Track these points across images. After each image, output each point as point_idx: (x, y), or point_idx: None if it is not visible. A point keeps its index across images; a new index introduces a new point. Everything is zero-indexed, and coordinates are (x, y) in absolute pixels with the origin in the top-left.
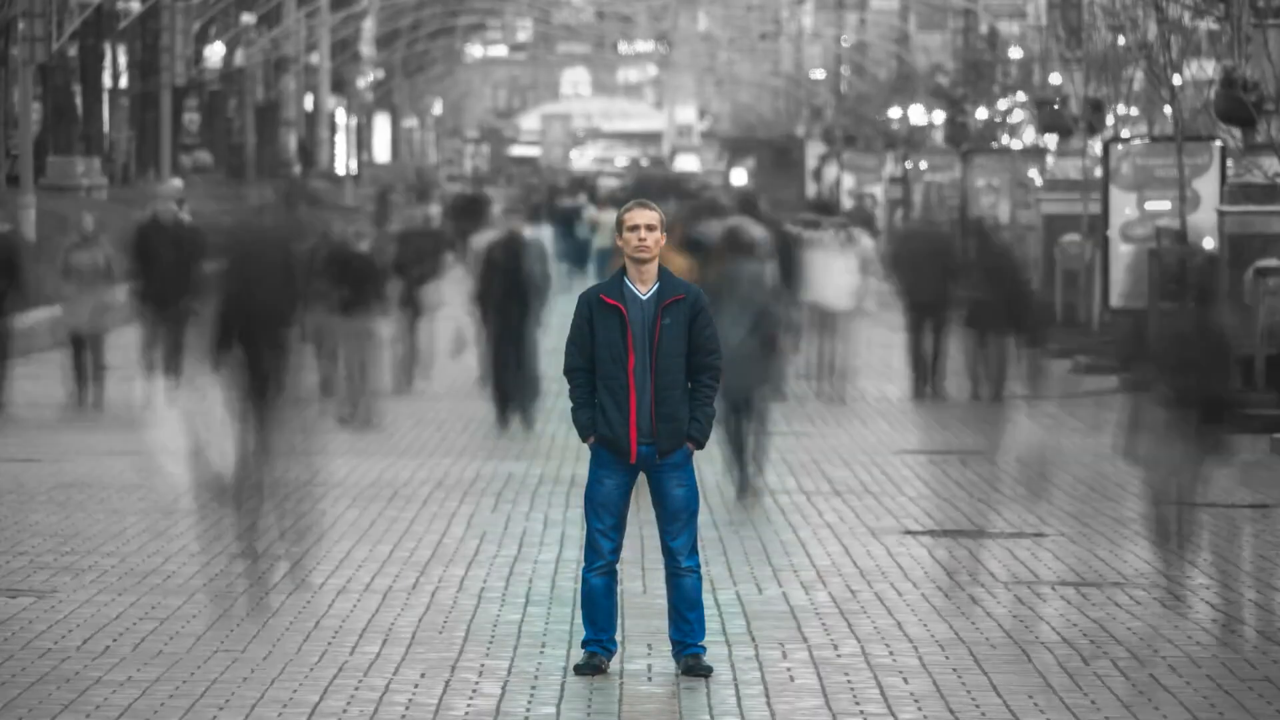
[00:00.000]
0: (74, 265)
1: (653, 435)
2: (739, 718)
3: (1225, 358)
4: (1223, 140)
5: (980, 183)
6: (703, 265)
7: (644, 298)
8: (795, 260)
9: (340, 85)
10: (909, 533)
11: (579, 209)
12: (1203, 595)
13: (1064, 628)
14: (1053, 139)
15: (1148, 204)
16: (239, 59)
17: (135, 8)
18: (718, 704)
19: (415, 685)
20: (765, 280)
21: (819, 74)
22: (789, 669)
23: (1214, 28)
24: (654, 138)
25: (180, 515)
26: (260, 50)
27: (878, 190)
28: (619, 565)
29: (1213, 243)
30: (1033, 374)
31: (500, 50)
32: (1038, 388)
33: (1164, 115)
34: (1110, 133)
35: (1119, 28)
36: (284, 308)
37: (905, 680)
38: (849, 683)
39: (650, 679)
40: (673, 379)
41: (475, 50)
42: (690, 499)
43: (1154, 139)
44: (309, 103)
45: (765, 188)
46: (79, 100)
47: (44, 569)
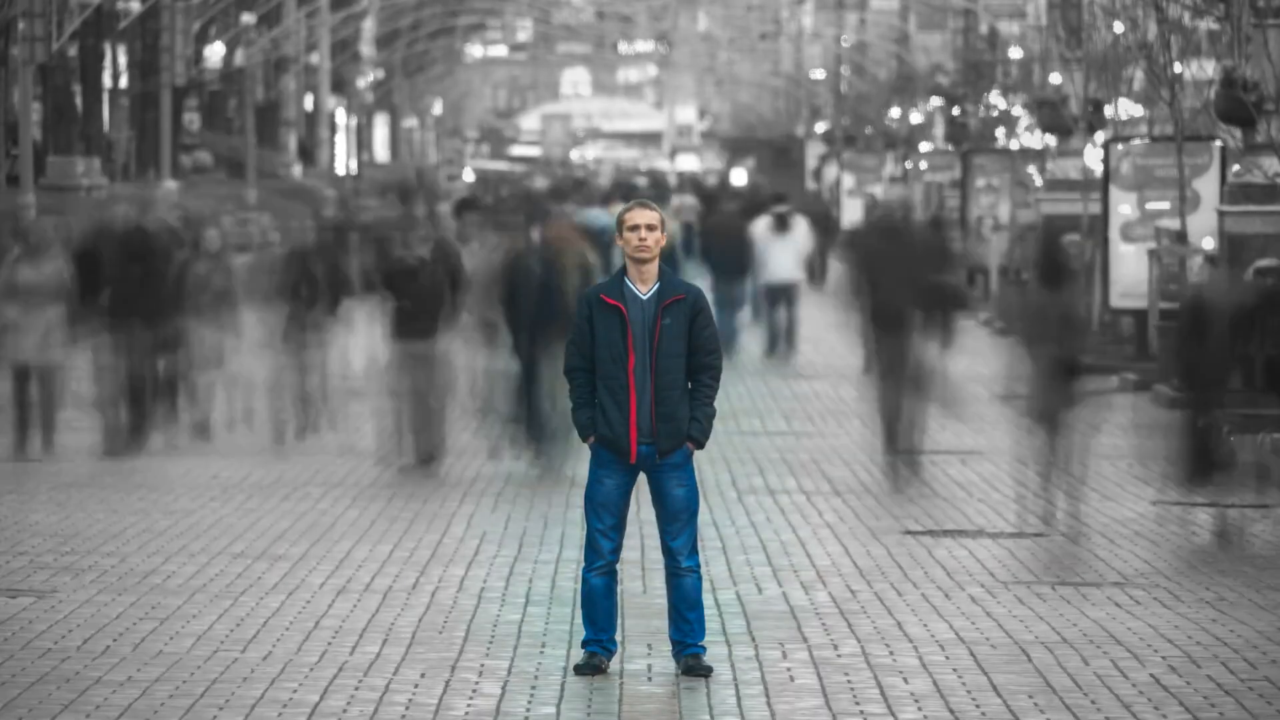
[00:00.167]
0: (19, 283)
1: (653, 435)
2: (739, 718)
3: (1074, 326)
4: (1223, 140)
5: (980, 183)
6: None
7: (644, 297)
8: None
9: (340, 85)
10: (909, 533)
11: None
12: (1203, 595)
13: (1064, 628)
14: (1053, 139)
15: (1148, 204)
16: (239, 59)
17: (135, 8)
18: (718, 704)
19: (415, 685)
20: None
21: (819, 74)
22: (789, 669)
23: (1214, 28)
24: (654, 138)
25: (180, 515)
26: (260, 50)
27: (878, 190)
28: (619, 565)
29: (1212, 242)
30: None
31: (500, 50)
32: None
33: (1164, 115)
34: (1110, 133)
35: (1116, 14)
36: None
37: (905, 680)
38: (849, 683)
39: (650, 679)
40: (673, 379)
41: (475, 50)
42: (690, 499)
43: (1154, 139)
44: (309, 103)
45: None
46: (79, 100)
47: (44, 569)
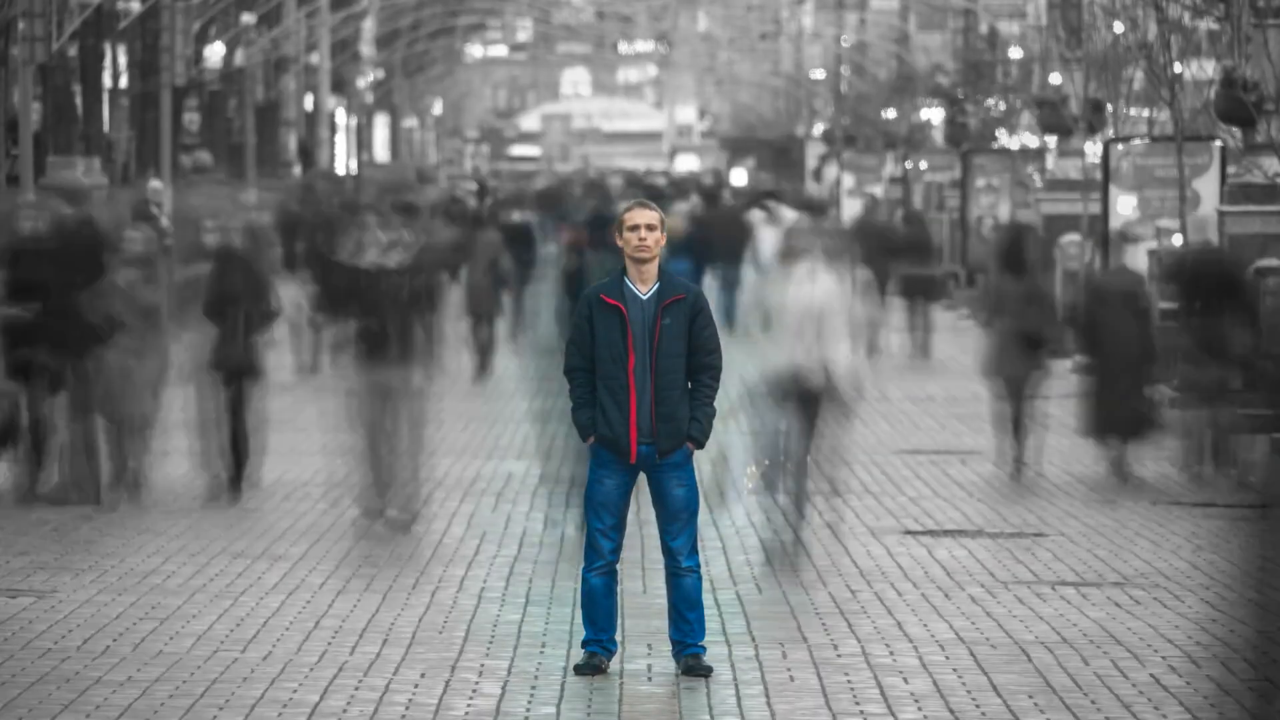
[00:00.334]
0: None
1: (653, 435)
2: (739, 718)
3: (1036, 305)
4: (1223, 140)
5: (980, 183)
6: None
7: (644, 297)
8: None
9: (340, 85)
10: (909, 533)
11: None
12: (1203, 595)
13: (1064, 628)
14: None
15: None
16: (239, 59)
17: (135, 8)
18: (718, 704)
19: (415, 685)
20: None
21: (819, 74)
22: (789, 669)
23: (1214, 28)
24: (654, 138)
25: (180, 515)
26: (260, 50)
27: (878, 190)
28: (619, 565)
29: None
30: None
31: (500, 50)
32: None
33: (1164, 114)
34: (1110, 133)
35: (1116, 14)
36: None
37: (905, 680)
38: (849, 683)
39: (650, 679)
40: (673, 379)
41: (475, 50)
42: (690, 499)
43: (1154, 139)
44: (309, 103)
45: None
46: (79, 100)
47: (44, 569)
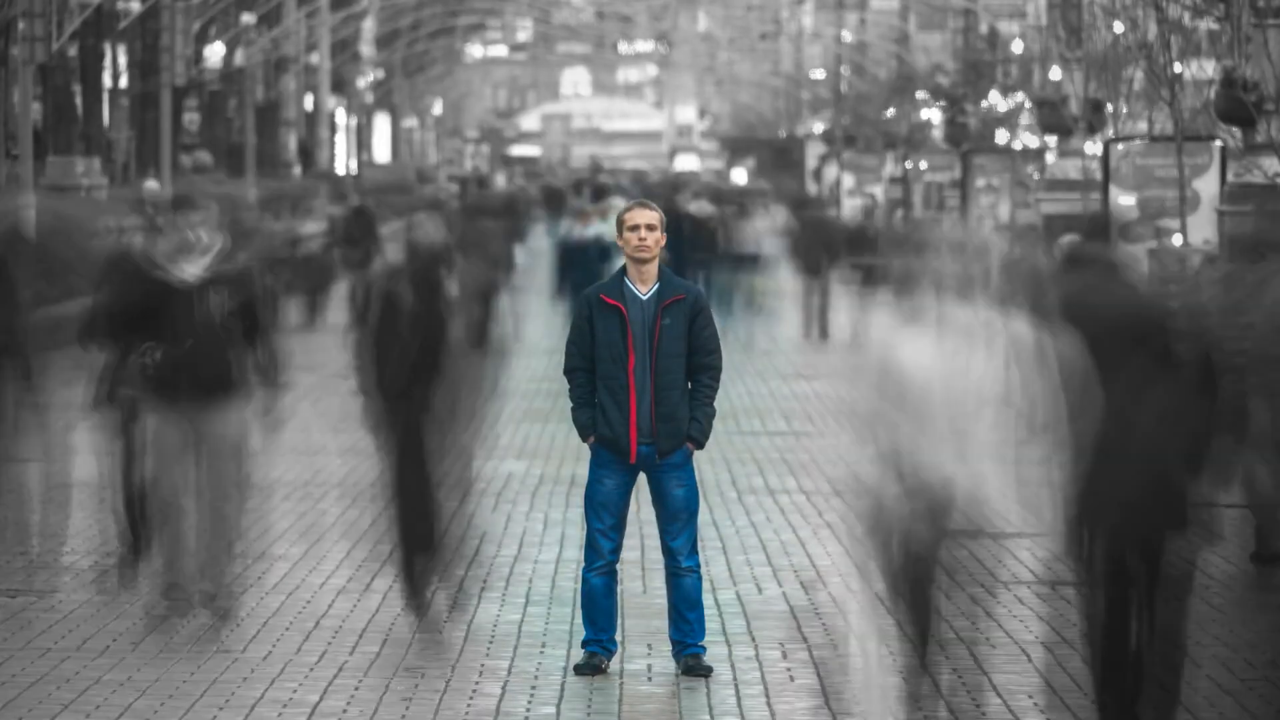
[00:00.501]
0: None
1: (653, 435)
2: (739, 718)
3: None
4: (1223, 140)
5: (980, 183)
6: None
7: (644, 298)
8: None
9: (340, 85)
10: None
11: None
12: (1202, 595)
13: (1064, 628)
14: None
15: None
16: (239, 59)
17: (135, 8)
18: (718, 704)
19: (415, 685)
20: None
21: (819, 74)
22: (789, 669)
23: (1214, 28)
24: (654, 137)
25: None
26: (260, 50)
27: (878, 190)
28: (619, 565)
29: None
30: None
31: (500, 50)
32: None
33: (1164, 114)
34: (1110, 133)
35: (1116, 14)
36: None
37: (905, 680)
38: (849, 682)
39: (650, 679)
40: (673, 379)
41: (475, 50)
42: (690, 499)
43: (1154, 139)
44: (309, 103)
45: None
46: (79, 100)
47: (44, 569)
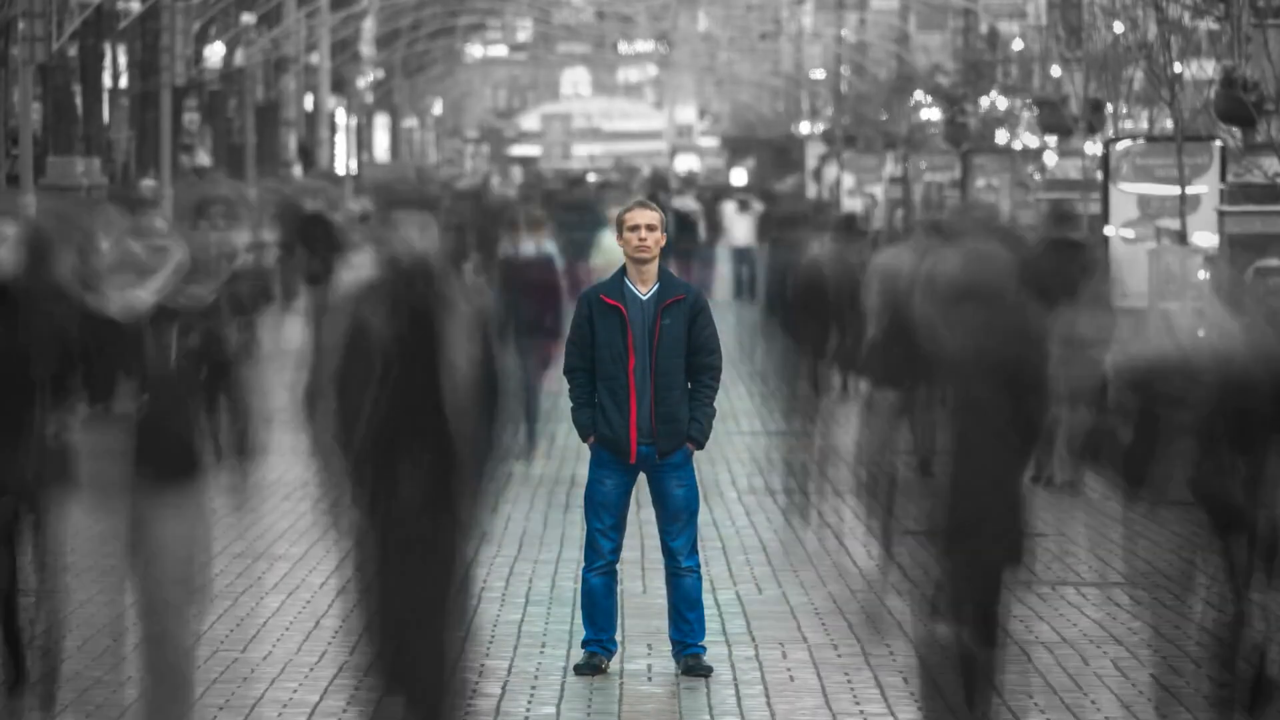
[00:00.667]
0: None
1: (653, 436)
2: (739, 718)
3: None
4: (1223, 140)
5: (980, 183)
6: None
7: (644, 298)
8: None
9: (340, 85)
10: (909, 533)
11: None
12: (1203, 595)
13: (1064, 628)
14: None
15: (1146, 190)
16: (239, 59)
17: (135, 8)
18: (718, 704)
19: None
20: None
21: (819, 74)
22: (789, 669)
23: (1214, 28)
24: (654, 137)
25: None
26: (260, 50)
27: (878, 190)
28: (619, 565)
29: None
30: None
31: (500, 50)
32: None
33: (1164, 114)
34: (1110, 133)
35: (1116, 14)
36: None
37: (905, 680)
38: (849, 683)
39: (650, 679)
40: (673, 379)
41: (475, 50)
42: (690, 499)
43: (1154, 139)
44: (309, 103)
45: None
46: (79, 100)
47: (43, 569)
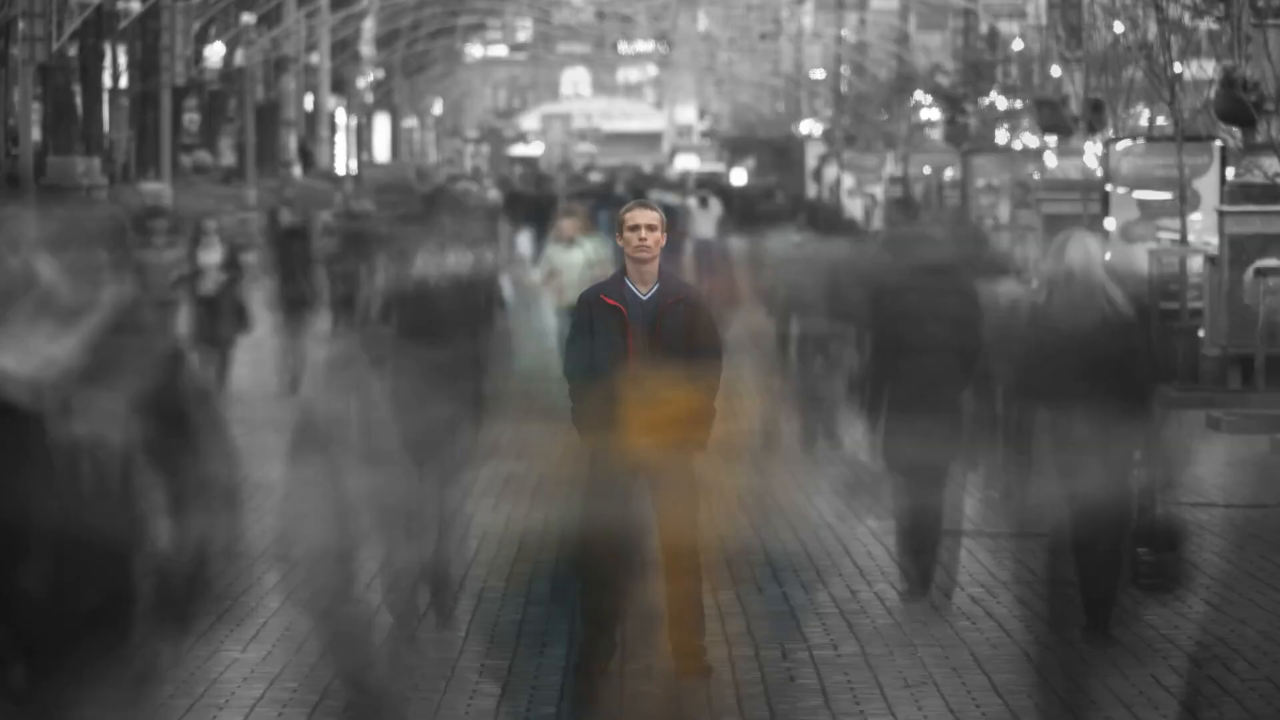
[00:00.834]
0: None
1: None
2: (739, 718)
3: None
4: (1223, 140)
5: (980, 183)
6: None
7: (644, 298)
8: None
9: (340, 85)
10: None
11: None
12: (1202, 595)
13: (1063, 627)
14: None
15: (1140, 194)
16: (239, 59)
17: (135, 8)
18: (718, 704)
19: (415, 685)
20: None
21: (819, 74)
22: (789, 669)
23: (1214, 28)
24: (654, 137)
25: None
26: (260, 50)
27: (878, 190)
28: None
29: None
30: None
31: (500, 50)
32: None
33: (1164, 114)
34: (1110, 133)
35: (1116, 14)
36: None
37: (905, 680)
38: (849, 683)
39: (650, 679)
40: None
41: (475, 50)
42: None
43: (1154, 139)
44: (309, 103)
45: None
46: (79, 100)
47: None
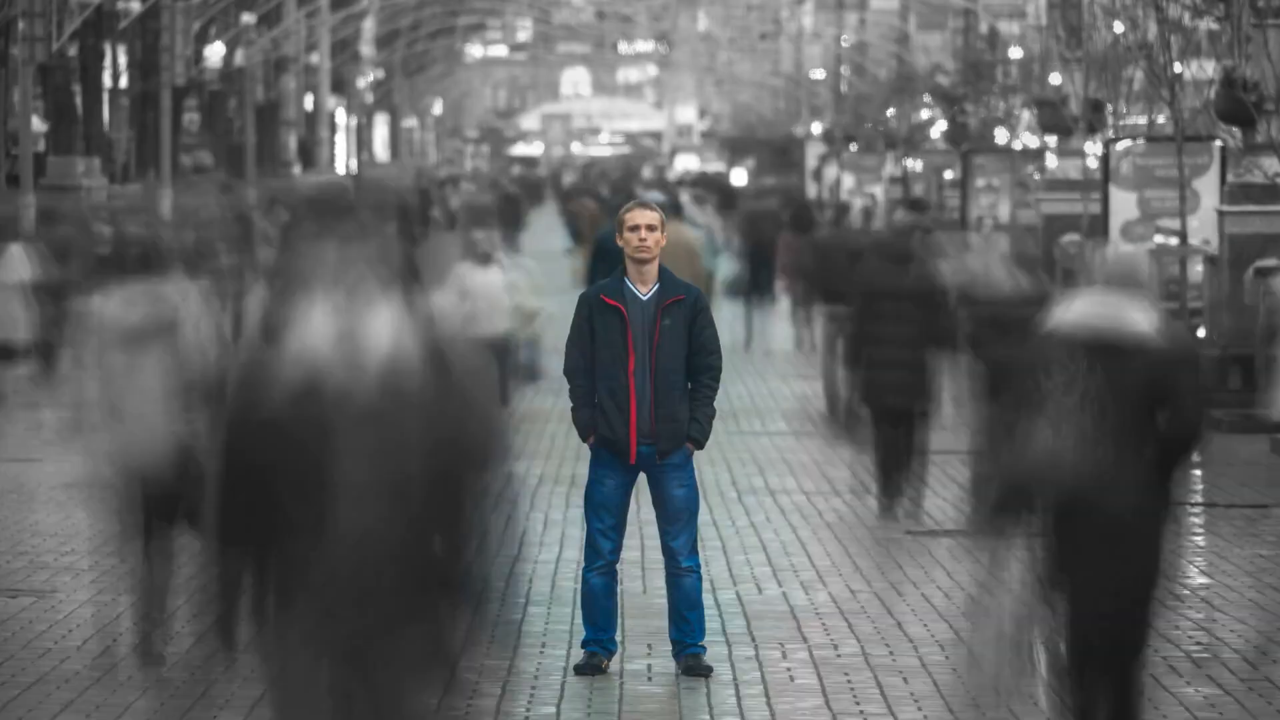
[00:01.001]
0: None
1: (653, 436)
2: (739, 718)
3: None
4: (1223, 140)
5: (980, 183)
6: None
7: (644, 298)
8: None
9: (340, 85)
10: (909, 533)
11: None
12: (1203, 595)
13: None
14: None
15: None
16: (239, 59)
17: (135, 8)
18: (718, 704)
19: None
20: None
21: (819, 74)
22: (789, 669)
23: (1214, 28)
24: (654, 138)
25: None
26: (260, 50)
27: (878, 190)
28: (619, 565)
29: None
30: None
31: (500, 50)
32: None
33: (1164, 114)
34: (1110, 133)
35: (1116, 14)
36: None
37: (905, 680)
38: (849, 683)
39: (650, 679)
40: (673, 380)
41: (475, 50)
42: (690, 499)
43: (1154, 139)
44: (309, 103)
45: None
46: (79, 100)
47: (44, 569)
